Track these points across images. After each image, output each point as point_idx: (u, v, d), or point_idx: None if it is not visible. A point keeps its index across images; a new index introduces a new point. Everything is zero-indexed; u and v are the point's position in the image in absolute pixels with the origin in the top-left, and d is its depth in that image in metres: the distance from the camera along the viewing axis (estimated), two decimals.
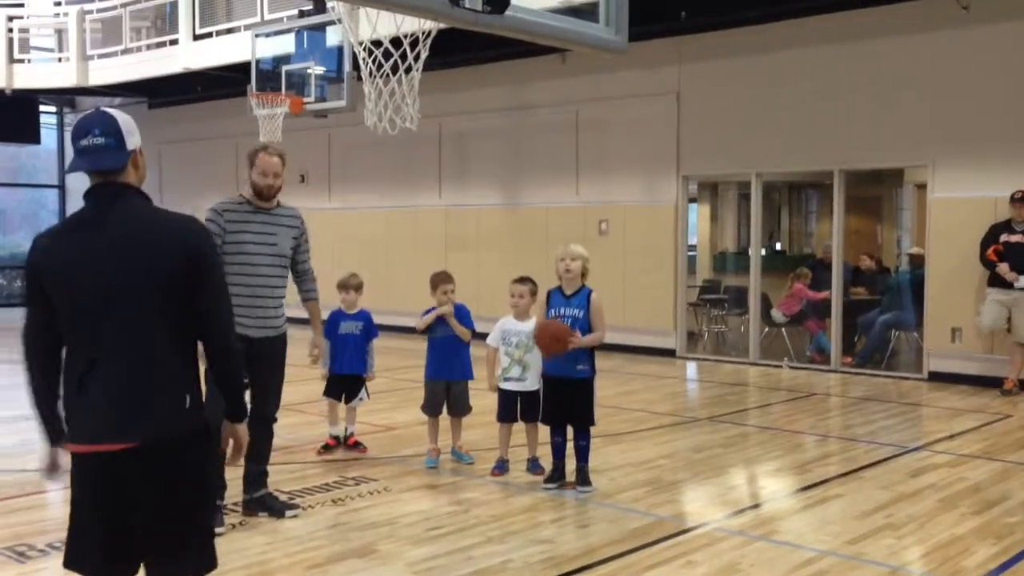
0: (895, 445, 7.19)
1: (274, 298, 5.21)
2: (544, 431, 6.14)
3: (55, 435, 2.88)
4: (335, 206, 15.59)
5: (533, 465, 6.21)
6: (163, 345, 2.79)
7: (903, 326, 11.26)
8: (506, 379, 6.16)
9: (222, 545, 4.76)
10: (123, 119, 2.87)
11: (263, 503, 5.31)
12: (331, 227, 15.15)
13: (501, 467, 6.23)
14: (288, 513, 5.30)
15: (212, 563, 2.94)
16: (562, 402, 5.84)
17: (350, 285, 6.93)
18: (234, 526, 5.10)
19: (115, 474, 2.74)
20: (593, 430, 5.97)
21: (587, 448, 5.92)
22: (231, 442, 3.08)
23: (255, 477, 5.31)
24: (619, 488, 5.93)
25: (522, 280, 6.30)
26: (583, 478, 5.88)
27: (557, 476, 5.94)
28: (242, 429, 3.07)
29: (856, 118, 10.58)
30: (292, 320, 5.36)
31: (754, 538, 4.98)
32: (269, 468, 5.44)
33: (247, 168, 5.25)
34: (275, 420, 5.49)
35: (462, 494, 5.81)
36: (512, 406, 6.17)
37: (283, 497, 5.54)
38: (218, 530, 4.93)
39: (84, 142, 2.81)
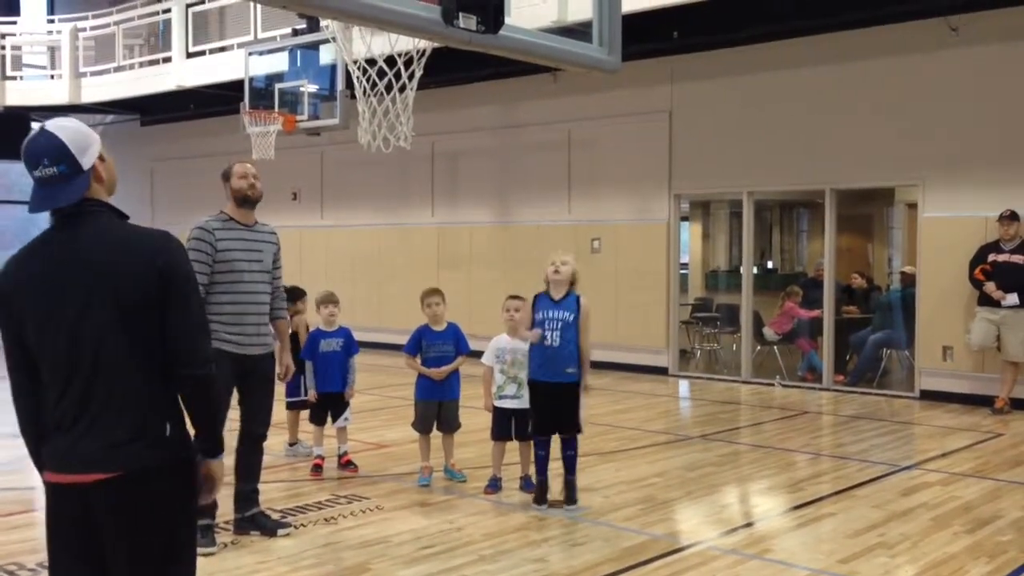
0: (887, 464, 7.20)
1: (263, 315, 5.22)
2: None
3: (36, 462, 2.71)
4: (327, 223, 15.59)
5: (526, 483, 6.19)
6: (138, 371, 2.58)
7: (894, 344, 11.30)
8: (501, 397, 6.15)
9: (213, 564, 4.76)
10: (71, 136, 2.62)
11: (255, 521, 5.28)
12: (323, 245, 15.15)
13: (494, 485, 6.21)
14: (280, 531, 5.27)
15: None
16: (551, 408, 5.82)
17: (332, 300, 6.90)
18: (226, 545, 5.07)
19: (87, 506, 2.55)
20: (586, 447, 5.98)
21: (574, 458, 5.89)
22: (203, 480, 2.75)
23: (246, 496, 5.28)
24: (612, 506, 5.92)
25: (516, 297, 6.30)
26: (571, 493, 5.85)
27: (542, 496, 5.89)
28: (216, 467, 2.75)
29: (847, 138, 10.65)
30: None
31: (747, 557, 4.97)
32: (260, 486, 5.42)
33: (224, 186, 5.26)
34: (264, 438, 5.47)
35: (454, 513, 5.79)
36: (507, 424, 6.16)
37: (275, 515, 5.52)
38: (210, 550, 4.92)
39: (37, 173, 2.60)
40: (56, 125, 2.64)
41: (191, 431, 2.71)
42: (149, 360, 2.60)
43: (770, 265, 18.28)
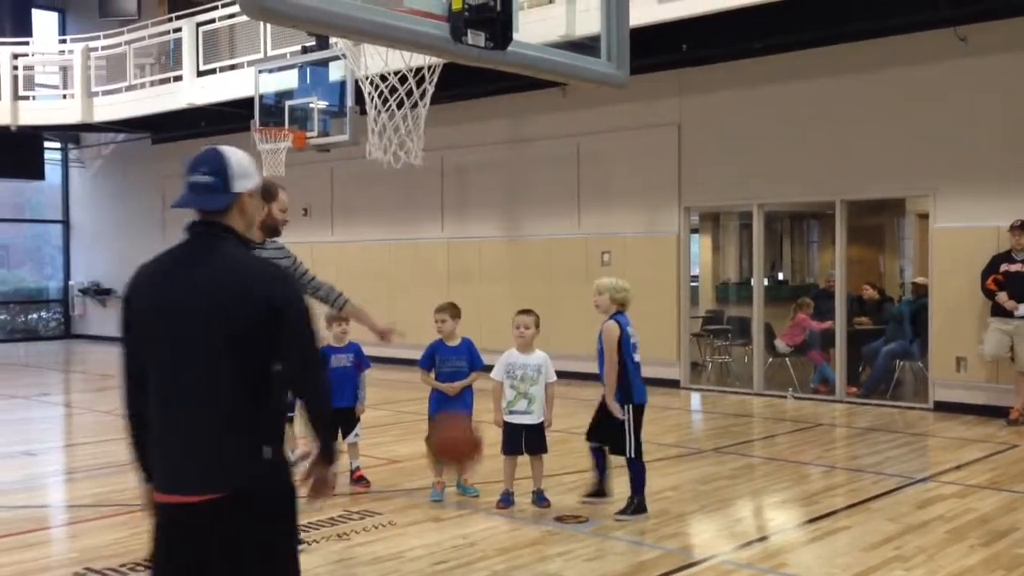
0: (902, 476, 7.15)
1: None
2: (549, 463, 6.14)
3: (144, 473, 2.78)
4: (337, 239, 15.63)
5: (539, 498, 6.18)
6: (239, 396, 2.61)
7: (907, 356, 11.24)
8: (511, 412, 6.15)
9: None
10: (235, 160, 2.79)
11: None
12: (333, 260, 15.17)
13: (506, 500, 6.20)
14: None
15: None
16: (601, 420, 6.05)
17: (343, 318, 6.85)
18: None
19: (186, 527, 2.60)
20: None
21: (634, 480, 6.00)
22: (310, 481, 2.82)
23: None
24: (627, 520, 5.89)
25: (527, 312, 6.30)
26: (625, 507, 5.98)
27: (598, 492, 6.18)
28: (331, 473, 2.82)
29: (857, 148, 10.63)
30: None
31: (763, 571, 4.95)
32: None
33: (262, 201, 5.24)
34: None
35: (467, 528, 5.78)
36: (518, 438, 6.15)
37: None
38: None
39: (190, 178, 2.79)
40: (226, 147, 2.84)
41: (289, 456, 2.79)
42: (251, 386, 2.64)
43: (781, 277, 18.23)
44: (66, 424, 10.83)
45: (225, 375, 2.61)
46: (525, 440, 6.13)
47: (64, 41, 17.67)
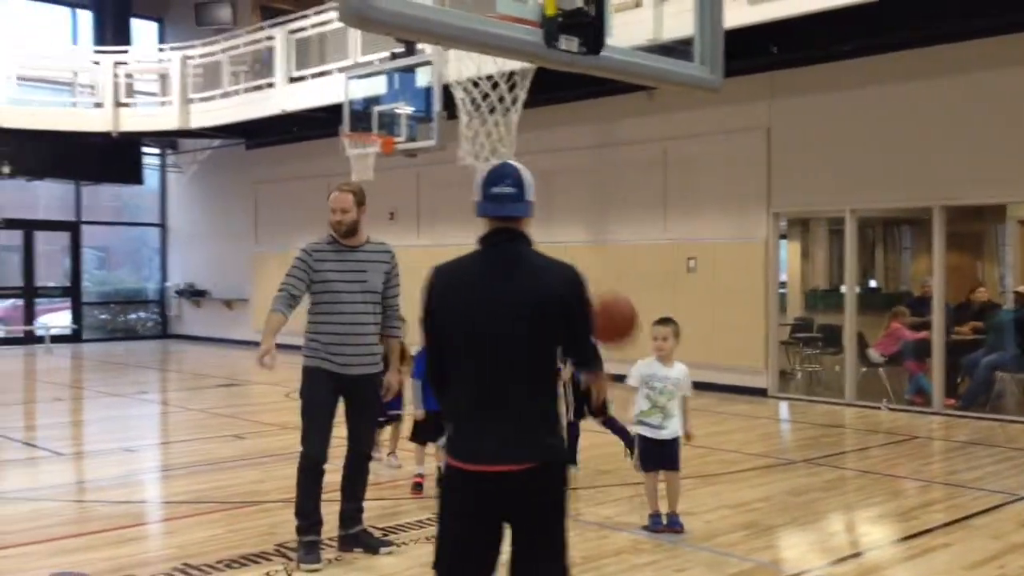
0: (1005, 492, 6.88)
1: (366, 335, 5.22)
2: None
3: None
4: (424, 243, 15.78)
5: (672, 521, 5.76)
6: (538, 378, 3.08)
7: (1008, 367, 10.81)
8: (642, 423, 5.78)
9: None
10: (525, 173, 3.16)
11: (358, 539, 5.35)
12: (420, 263, 15.24)
13: (656, 522, 5.78)
14: (383, 550, 5.33)
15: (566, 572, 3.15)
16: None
17: None
18: (330, 561, 5.15)
19: (503, 491, 3.00)
20: (686, 470, 5.82)
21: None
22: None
23: (351, 513, 5.35)
24: (715, 531, 5.80)
25: (664, 322, 5.86)
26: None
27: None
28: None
29: (956, 153, 10.30)
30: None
31: None
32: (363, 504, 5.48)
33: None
34: (370, 457, 5.55)
35: None
36: (656, 454, 5.76)
37: (377, 534, 5.57)
38: (315, 566, 5.00)
39: (496, 189, 3.13)
40: (516, 163, 3.24)
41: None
42: (545, 370, 3.11)
43: (873, 284, 17.75)
44: (163, 421, 11.17)
45: (531, 359, 3.05)
46: (663, 455, 5.78)
47: (162, 50, 18.25)
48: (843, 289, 11.91)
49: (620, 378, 6.02)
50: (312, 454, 5.14)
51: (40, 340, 19.01)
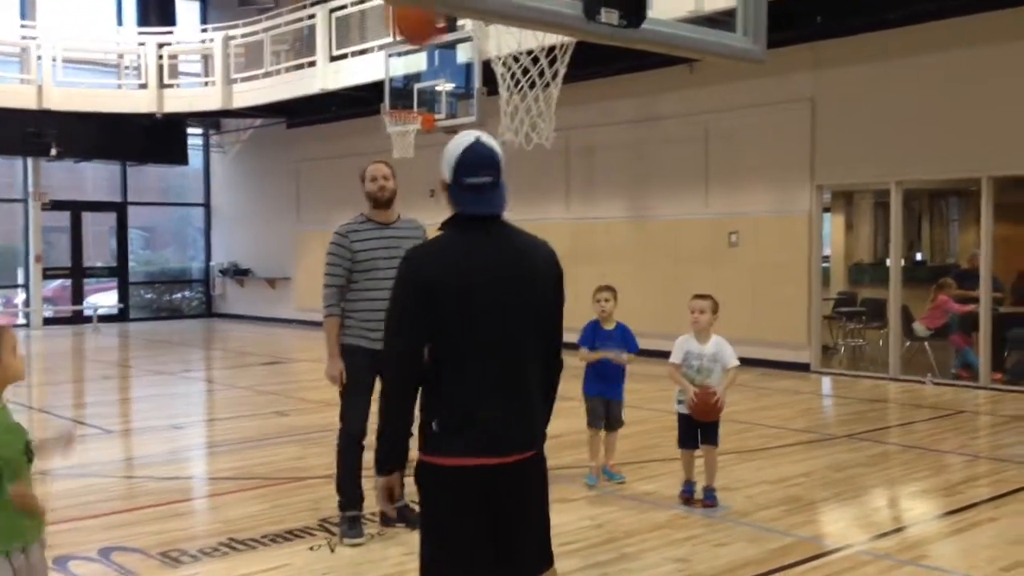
0: None
1: None
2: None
3: (401, 459, 2.99)
4: None
5: (707, 495, 5.80)
6: (540, 362, 2.95)
7: None
8: (681, 402, 5.80)
9: (362, 555, 4.91)
10: (501, 152, 3.00)
11: (400, 514, 5.40)
12: None
13: (689, 490, 5.87)
14: None
15: (551, 560, 3.12)
16: None
17: None
18: (372, 536, 5.22)
19: (504, 482, 2.88)
20: (726, 446, 5.82)
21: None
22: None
23: None
24: (756, 506, 5.79)
25: (702, 296, 5.83)
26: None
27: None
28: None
29: (1005, 122, 10.07)
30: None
31: (901, 562, 4.78)
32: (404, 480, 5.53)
33: (361, 187, 5.38)
34: (410, 434, 5.59)
35: (596, 509, 5.77)
36: (694, 431, 5.79)
37: (418, 509, 5.61)
38: (358, 540, 5.07)
39: (472, 180, 2.90)
40: (489, 139, 2.97)
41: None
42: (543, 353, 2.97)
43: (919, 257, 17.47)
44: (208, 399, 11.35)
45: (534, 343, 2.92)
46: (700, 433, 5.81)
47: (205, 30, 18.39)
48: (888, 262, 11.73)
49: (658, 355, 6.03)
50: (351, 431, 5.21)
51: (88, 320, 19.38)
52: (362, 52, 14.38)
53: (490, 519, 2.89)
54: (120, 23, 19.77)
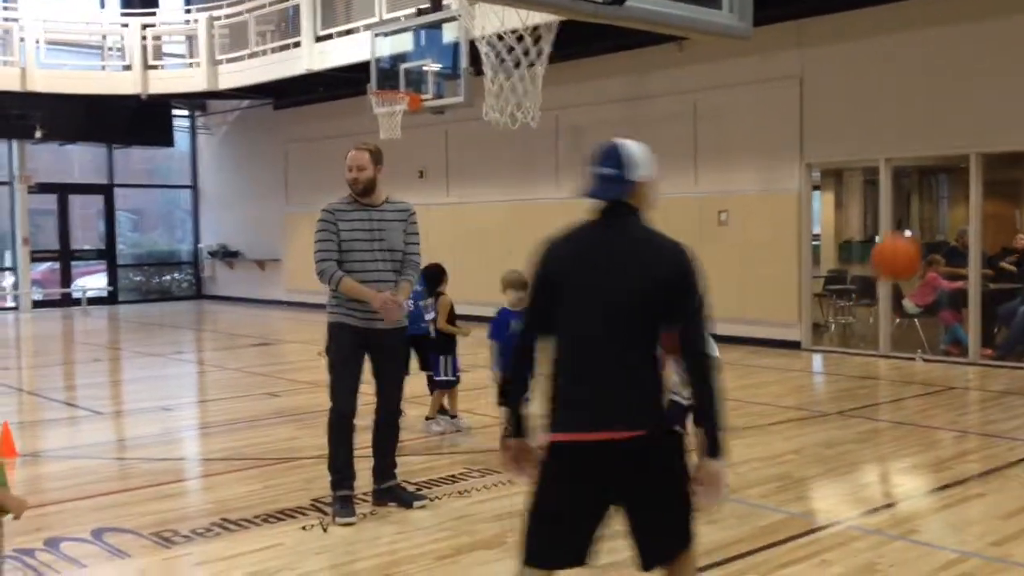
0: None
1: (387, 291, 5.24)
2: None
3: (520, 428, 3.17)
4: (453, 200, 15.77)
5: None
6: (641, 348, 3.03)
7: None
8: (674, 393, 5.81)
9: (354, 533, 4.92)
10: (628, 152, 3.18)
11: (392, 493, 5.41)
12: (449, 221, 15.33)
13: None
14: (416, 503, 5.39)
15: (687, 541, 3.14)
16: None
17: (519, 284, 6.44)
18: (364, 516, 5.22)
19: (609, 460, 2.98)
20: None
21: None
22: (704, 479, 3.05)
23: (384, 469, 5.42)
24: (747, 483, 5.80)
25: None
26: None
27: None
28: (717, 467, 3.03)
29: (993, 98, 10.08)
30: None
31: (891, 537, 4.81)
32: (396, 459, 5.54)
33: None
34: (400, 413, 5.60)
35: None
36: (681, 414, 5.84)
37: (411, 488, 5.63)
38: (349, 519, 5.08)
39: (595, 170, 3.19)
40: (621, 141, 3.25)
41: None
42: (647, 341, 3.05)
43: (908, 234, 17.52)
44: (199, 380, 11.33)
45: (634, 329, 3.02)
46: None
47: (189, 11, 18.22)
48: (878, 240, 11.75)
49: None
50: (340, 408, 5.21)
51: (77, 302, 19.30)
52: (348, 32, 14.28)
53: (595, 492, 3.00)
54: (103, 5, 19.58)
